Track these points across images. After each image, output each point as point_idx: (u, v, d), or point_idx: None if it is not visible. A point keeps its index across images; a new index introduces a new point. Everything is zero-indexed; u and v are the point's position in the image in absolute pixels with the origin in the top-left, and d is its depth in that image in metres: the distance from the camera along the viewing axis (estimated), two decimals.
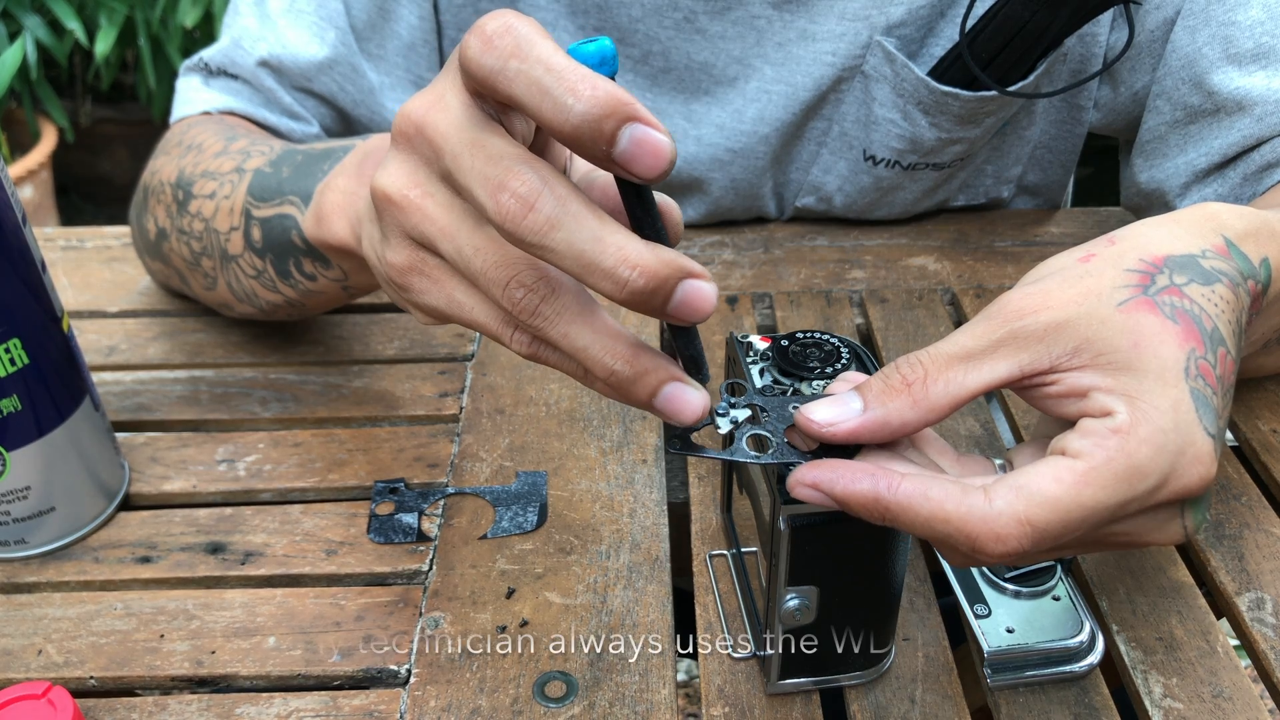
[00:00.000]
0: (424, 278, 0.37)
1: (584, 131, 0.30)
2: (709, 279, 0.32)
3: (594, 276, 0.31)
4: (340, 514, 0.54)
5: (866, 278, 0.72)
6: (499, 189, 0.31)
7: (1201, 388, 0.35)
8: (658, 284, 0.31)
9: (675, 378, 0.34)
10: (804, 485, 0.36)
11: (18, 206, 0.46)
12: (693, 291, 0.32)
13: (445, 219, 0.35)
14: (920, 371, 0.36)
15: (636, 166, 0.30)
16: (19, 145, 2.14)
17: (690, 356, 0.36)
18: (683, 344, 0.36)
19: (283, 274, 0.55)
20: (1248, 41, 0.62)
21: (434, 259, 0.37)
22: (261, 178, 0.55)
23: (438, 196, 0.35)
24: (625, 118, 0.30)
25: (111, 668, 0.46)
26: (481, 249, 0.34)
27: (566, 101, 0.30)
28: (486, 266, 0.34)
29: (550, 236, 0.31)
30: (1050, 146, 0.77)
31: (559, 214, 0.31)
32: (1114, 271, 0.37)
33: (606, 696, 0.44)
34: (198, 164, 0.60)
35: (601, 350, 0.34)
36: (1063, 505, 0.33)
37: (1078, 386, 0.35)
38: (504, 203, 0.31)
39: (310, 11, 0.70)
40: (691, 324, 0.33)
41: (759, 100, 0.71)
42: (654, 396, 0.34)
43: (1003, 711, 0.44)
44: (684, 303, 0.32)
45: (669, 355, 0.35)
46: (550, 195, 0.31)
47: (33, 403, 0.48)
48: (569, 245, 0.31)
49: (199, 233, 0.58)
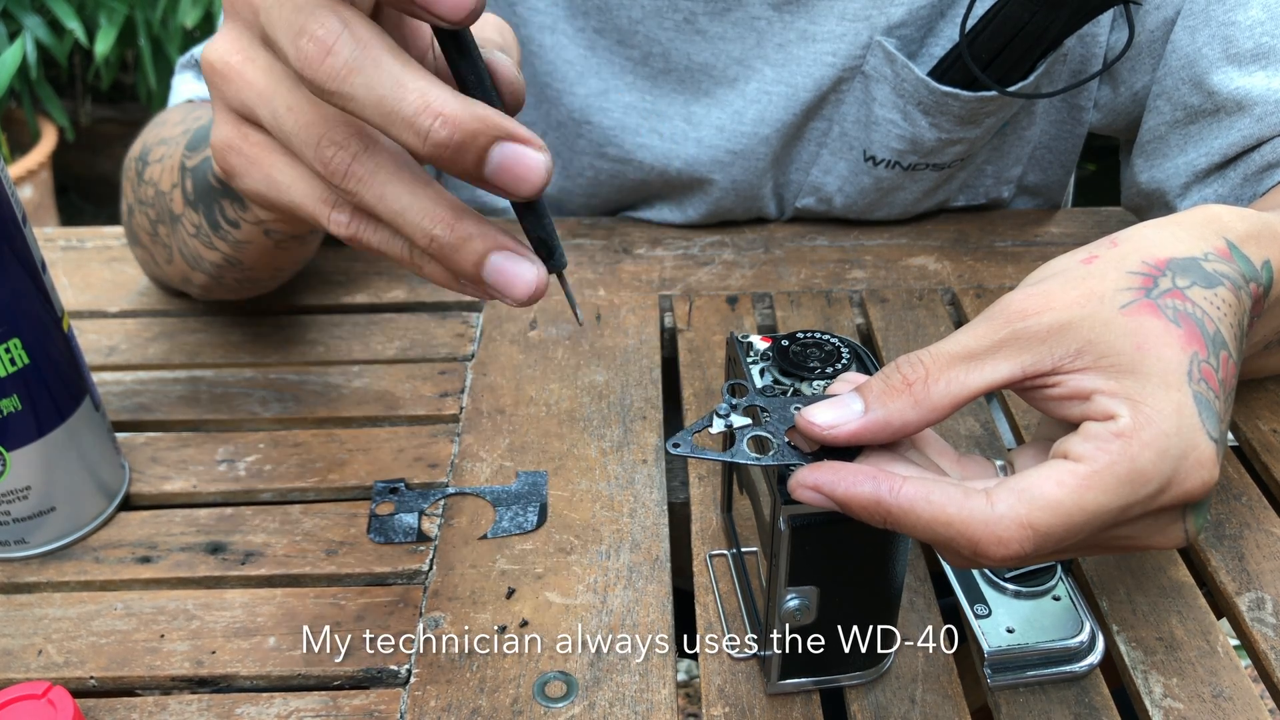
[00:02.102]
0: (242, 155, 0.35)
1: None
2: (539, 146, 0.30)
3: (395, 125, 0.29)
4: (340, 514, 0.54)
5: (866, 278, 0.72)
6: (299, 33, 0.30)
7: (1204, 391, 0.35)
8: (465, 137, 0.29)
9: (504, 246, 0.32)
10: (805, 487, 0.36)
11: (18, 206, 0.46)
12: (512, 154, 0.30)
13: (263, 81, 0.33)
14: (921, 371, 0.36)
15: (436, 5, 0.29)
16: (19, 145, 2.14)
17: (538, 238, 0.33)
18: (529, 224, 0.33)
19: (213, 225, 0.53)
20: (1248, 41, 0.62)
21: (255, 133, 0.35)
22: (199, 130, 0.54)
23: (258, 61, 0.34)
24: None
25: (112, 668, 0.46)
26: (294, 108, 0.32)
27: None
28: (299, 127, 0.32)
29: (349, 81, 0.30)
30: (1050, 146, 0.77)
31: (359, 57, 0.29)
32: (1116, 274, 0.37)
33: (607, 696, 0.44)
34: (158, 135, 0.61)
35: (420, 213, 0.31)
36: (1065, 509, 0.33)
37: (1080, 389, 0.35)
38: (303, 47, 0.30)
39: None
40: (520, 196, 0.31)
41: (759, 101, 0.71)
42: (480, 267, 0.32)
43: (1003, 711, 0.44)
44: (503, 166, 0.30)
45: None
46: (350, 37, 0.30)
47: (33, 403, 0.48)
48: (368, 90, 0.29)
49: (152, 199, 0.58)
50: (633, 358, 0.64)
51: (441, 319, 0.68)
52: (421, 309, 0.69)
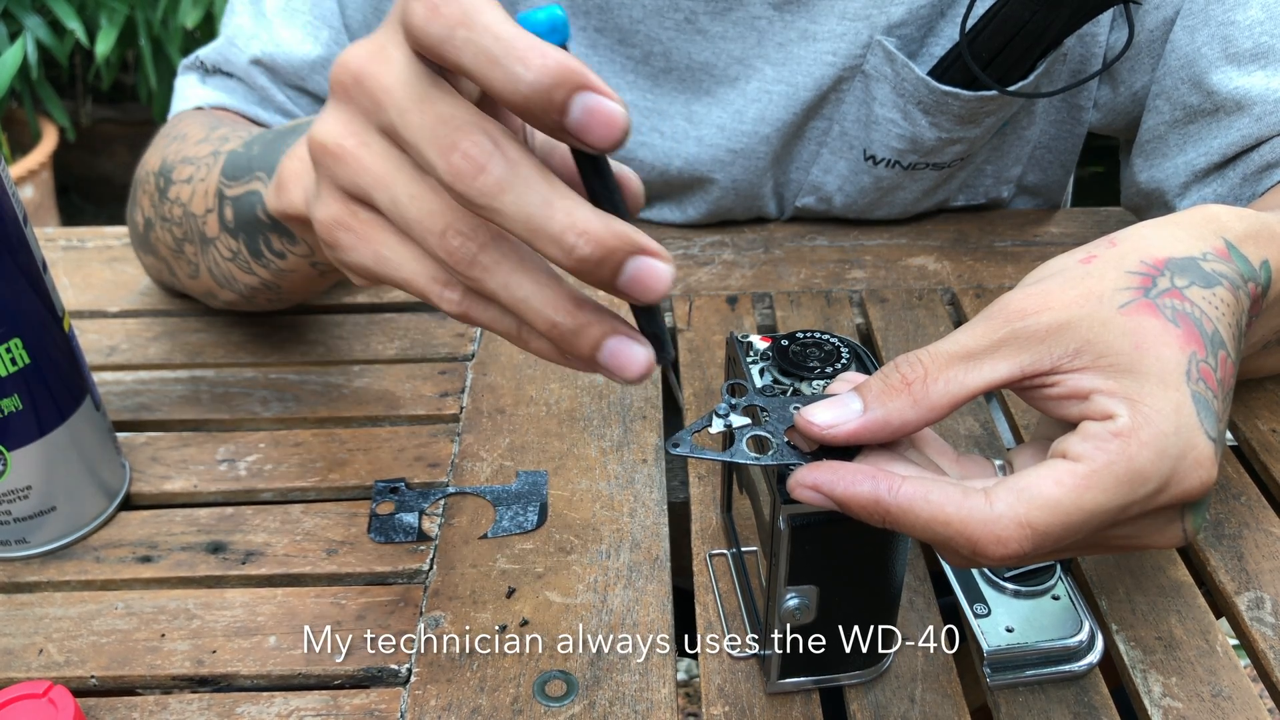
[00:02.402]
0: (351, 233, 0.36)
1: (535, 101, 0.29)
2: (666, 259, 0.32)
3: (541, 241, 0.31)
4: (341, 513, 0.54)
5: (866, 278, 0.72)
6: (450, 149, 0.31)
7: (1203, 391, 0.35)
8: (605, 254, 0.31)
9: (620, 331, 0.33)
10: (804, 487, 0.36)
11: (18, 206, 0.46)
12: (645, 268, 0.31)
13: (381, 168, 0.34)
14: (920, 370, 0.36)
15: (589, 136, 0.30)
16: (20, 145, 2.14)
17: (652, 334, 0.35)
18: (644, 322, 0.35)
19: (255, 253, 0.54)
20: (1247, 41, 0.62)
21: (365, 212, 0.36)
22: (234, 157, 0.54)
23: (374, 147, 0.34)
24: (576, 86, 0.29)
25: (112, 667, 0.46)
26: (418, 197, 0.33)
27: (516, 71, 0.29)
28: (423, 215, 0.33)
29: (500, 199, 0.31)
30: (1050, 146, 0.77)
31: (509, 176, 0.31)
32: (1115, 273, 0.37)
33: (607, 696, 0.44)
34: (179, 151, 0.61)
35: (542, 301, 0.33)
36: (1063, 508, 0.33)
37: (1079, 388, 0.35)
38: (455, 163, 0.31)
39: (304, 10, 0.70)
40: (645, 302, 0.32)
41: (760, 100, 0.71)
42: (597, 350, 0.33)
43: (1002, 711, 0.44)
44: (634, 278, 0.31)
45: None
46: (501, 157, 0.31)
47: (34, 402, 0.48)
48: (518, 208, 0.31)
49: (179, 218, 0.58)
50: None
51: (442, 319, 0.68)
52: (422, 309, 0.69)
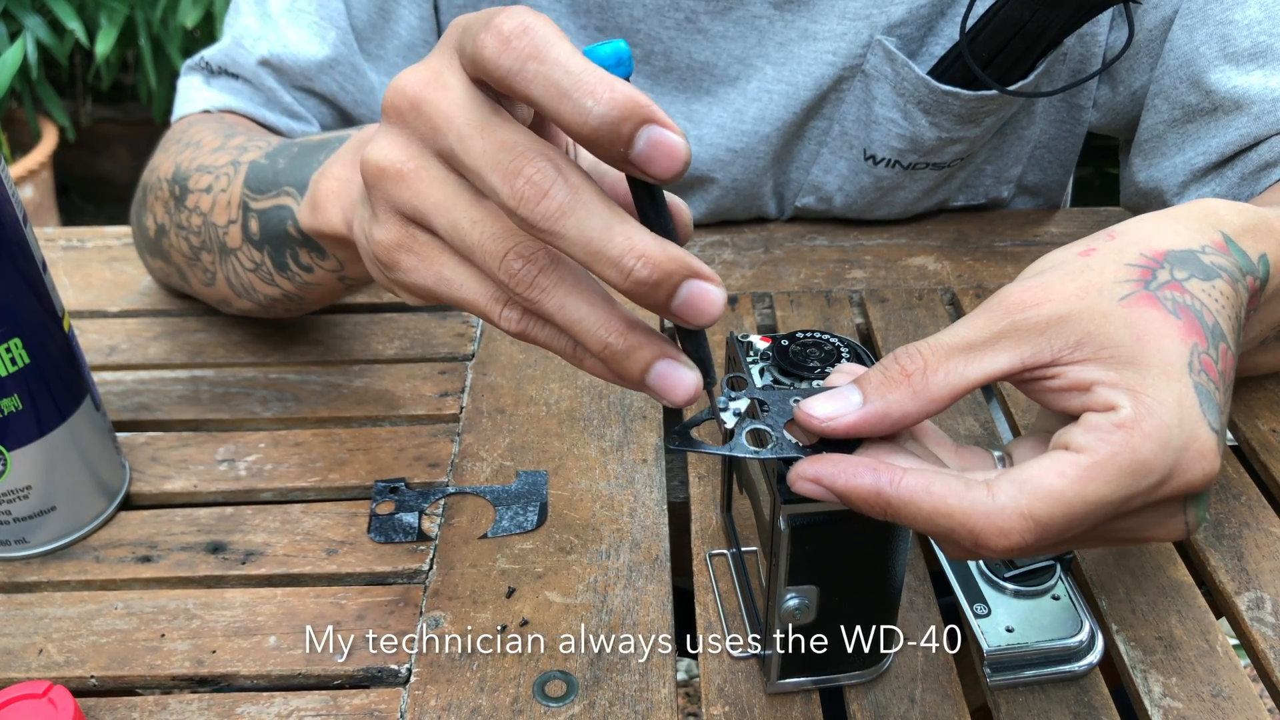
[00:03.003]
0: (412, 254, 0.37)
1: (603, 134, 0.30)
2: (718, 283, 0.33)
3: (600, 264, 0.32)
4: (340, 513, 0.54)
5: (866, 278, 0.72)
6: (514, 174, 0.32)
7: (1205, 383, 0.35)
8: (662, 276, 0.32)
9: (669, 355, 0.34)
10: (805, 479, 0.36)
11: (18, 206, 0.46)
12: (699, 292, 0.32)
13: (440, 193, 0.35)
14: (920, 362, 0.36)
15: (653, 168, 0.31)
16: (20, 145, 2.14)
17: (698, 359, 0.36)
18: (690, 347, 0.36)
19: (280, 266, 0.54)
20: (1245, 40, 0.62)
21: (424, 234, 0.37)
22: (258, 170, 0.55)
23: (432, 171, 0.35)
24: (642, 120, 0.30)
25: (112, 667, 0.46)
26: (479, 222, 0.34)
27: (585, 104, 0.30)
28: (484, 239, 0.34)
29: (562, 223, 0.32)
30: (1050, 146, 0.77)
31: (571, 202, 0.32)
32: (1115, 266, 0.37)
33: (606, 696, 0.44)
34: (194, 159, 0.60)
35: (597, 323, 0.34)
36: (1066, 500, 0.33)
37: (1080, 380, 0.35)
38: (519, 188, 0.32)
39: (311, 11, 0.70)
40: (697, 326, 0.33)
41: (760, 100, 0.71)
42: (646, 373, 0.34)
43: (1002, 711, 0.44)
44: (689, 302, 0.32)
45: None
46: (564, 183, 0.32)
47: (33, 402, 0.48)
48: (579, 232, 0.32)
49: (197, 227, 0.58)
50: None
51: (442, 319, 0.68)
52: (422, 309, 0.69)
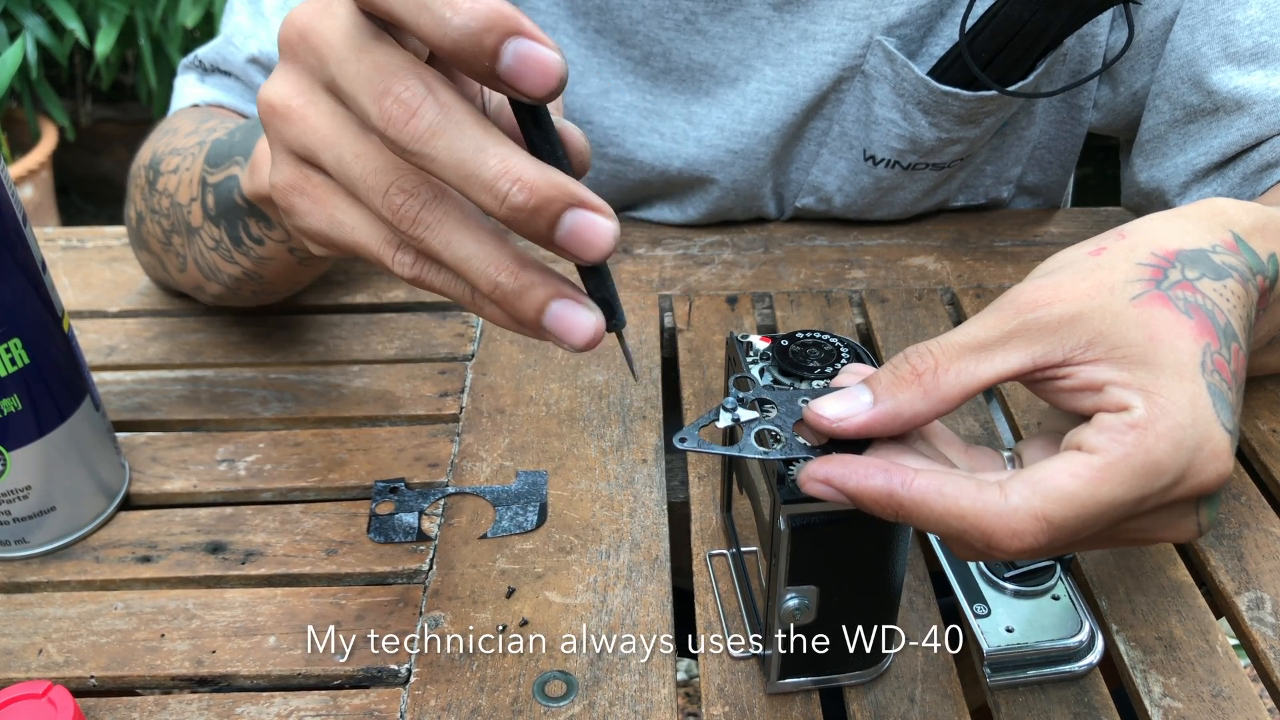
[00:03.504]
0: (305, 196, 0.36)
1: (464, 46, 0.29)
2: (609, 214, 0.31)
3: (474, 188, 0.30)
4: (340, 514, 0.54)
5: (866, 278, 0.72)
6: (383, 94, 0.31)
7: (1217, 383, 0.35)
8: (541, 202, 0.30)
9: (565, 294, 0.33)
10: (815, 480, 0.36)
11: (18, 206, 0.46)
12: (584, 221, 0.31)
13: (327, 127, 0.34)
14: (931, 361, 0.36)
15: (523, 84, 0.29)
16: (19, 145, 2.14)
17: (602, 299, 0.34)
18: (592, 286, 0.34)
19: (235, 240, 0.53)
20: (1246, 41, 0.62)
21: (317, 175, 0.36)
22: (218, 145, 0.54)
23: (321, 105, 0.34)
24: (508, 31, 0.29)
25: (112, 667, 0.46)
26: (362, 155, 0.33)
27: (444, 15, 0.29)
28: (366, 173, 0.33)
29: (432, 144, 0.30)
30: (1050, 146, 0.77)
31: (442, 121, 0.30)
32: (1126, 265, 0.37)
33: (606, 696, 0.44)
34: (169, 144, 0.61)
35: (485, 260, 0.32)
36: (1080, 501, 0.33)
37: (1093, 380, 0.35)
38: (387, 108, 0.31)
39: None
40: (586, 261, 0.31)
41: (759, 101, 0.71)
42: (542, 313, 0.33)
43: (1002, 711, 0.44)
44: (573, 232, 0.31)
45: None
46: (434, 102, 0.31)
47: (33, 402, 0.48)
48: (450, 153, 0.30)
49: (166, 209, 0.58)
50: (633, 357, 0.64)
51: (441, 319, 0.68)
52: (421, 309, 0.69)
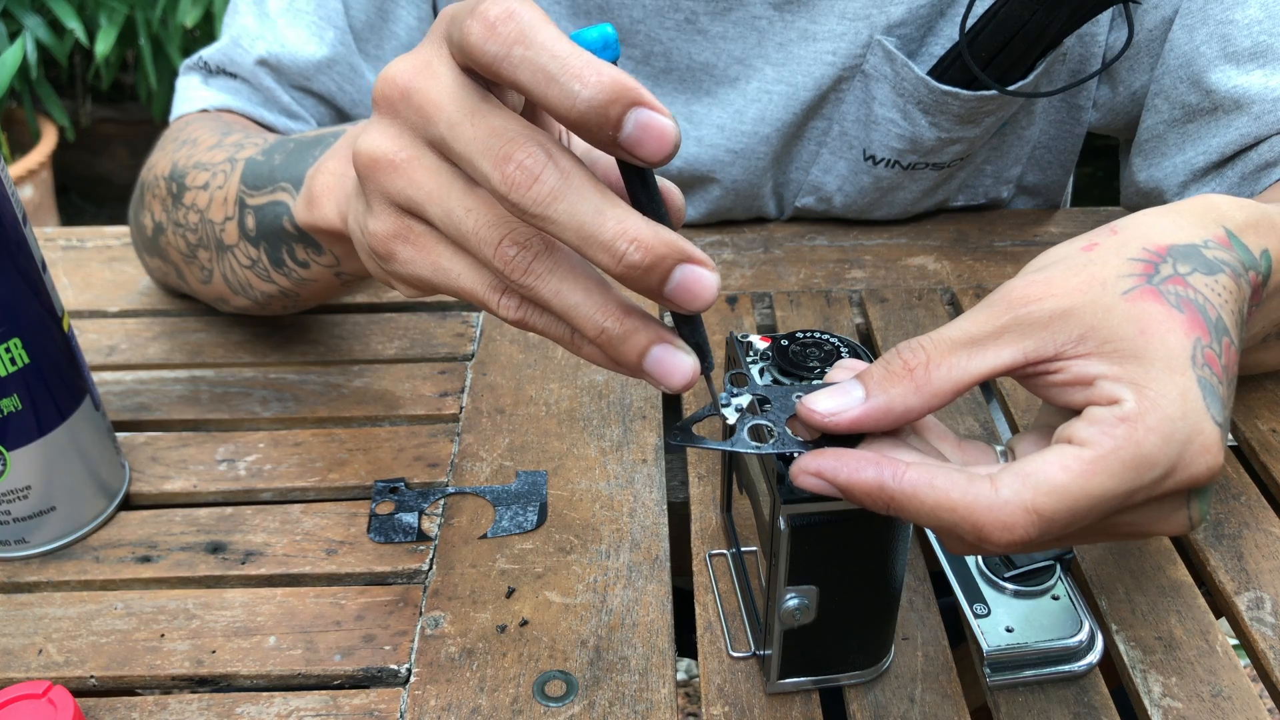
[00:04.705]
0: (409, 245, 0.37)
1: (590, 117, 0.30)
2: (712, 267, 0.33)
3: (592, 248, 0.32)
4: (340, 513, 0.54)
5: (866, 277, 0.72)
6: (504, 160, 0.32)
7: (1208, 376, 0.35)
8: (655, 260, 0.32)
9: (665, 339, 0.34)
10: (807, 474, 0.36)
11: (18, 206, 0.46)
12: (692, 276, 0.32)
13: (434, 182, 0.35)
14: (923, 356, 0.36)
15: (642, 151, 0.31)
16: (19, 145, 2.14)
17: (695, 344, 0.36)
18: (686, 332, 0.36)
19: (276, 262, 0.54)
20: (1245, 40, 0.62)
21: (419, 225, 0.37)
22: (254, 166, 0.55)
23: (425, 160, 0.35)
24: (630, 102, 0.30)
25: (112, 667, 0.46)
26: (473, 210, 0.34)
27: (573, 88, 0.30)
28: (479, 226, 0.34)
29: (553, 207, 0.32)
30: (1050, 146, 0.77)
31: (562, 186, 0.32)
32: (1118, 260, 0.37)
33: (606, 696, 0.44)
34: (191, 156, 0.61)
35: (592, 308, 0.34)
36: (1070, 494, 0.33)
37: (1084, 374, 0.35)
38: (510, 174, 0.32)
39: (309, 11, 0.70)
40: (691, 311, 0.33)
41: (760, 100, 0.71)
42: (643, 358, 0.34)
43: (1002, 711, 0.44)
44: (682, 285, 0.32)
45: None
46: (555, 168, 0.32)
47: (33, 402, 0.48)
48: (570, 216, 0.31)
49: (194, 224, 0.58)
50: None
51: (441, 319, 0.68)
52: (421, 309, 0.69)
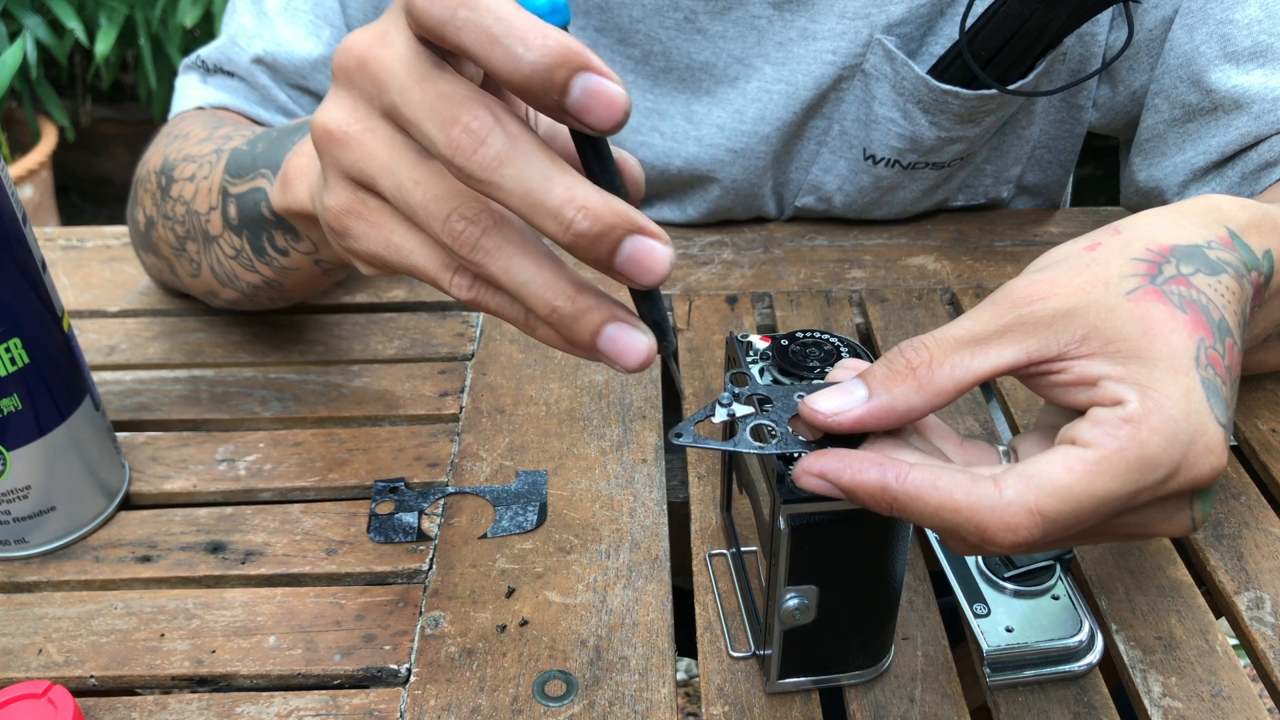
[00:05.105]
0: (361, 220, 0.36)
1: (535, 81, 0.30)
2: (665, 240, 0.32)
3: (539, 215, 0.31)
4: (340, 513, 0.54)
5: (866, 277, 0.72)
6: (450, 123, 0.31)
7: (1211, 377, 0.35)
8: (604, 229, 0.31)
9: (620, 318, 0.33)
10: (810, 475, 0.36)
11: (18, 206, 0.46)
12: (643, 248, 0.31)
13: (386, 153, 0.34)
14: (925, 355, 0.36)
15: (590, 117, 0.30)
16: (19, 145, 2.14)
17: (653, 322, 0.35)
18: (644, 308, 0.35)
19: (258, 250, 0.54)
20: (1245, 40, 0.62)
21: (373, 199, 0.36)
22: (238, 155, 0.54)
23: (379, 132, 0.35)
24: (577, 67, 0.30)
25: (112, 667, 0.46)
26: (423, 182, 0.34)
27: (516, 50, 0.29)
28: (427, 200, 0.33)
29: (499, 172, 0.31)
30: (1050, 146, 0.77)
31: (509, 150, 0.31)
32: (1121, 260, 0.37)
33: (606, 696, 0.44)
34: (181, 150, 0.61)
35: (543, 285, 0.33)
36: (1074, 495, 0.33)
37: (1087, 375, 0.35)
38: (455, 137, 0.31)
39: (306, 10, 0.70)
40: (643, 285, 0.32)
41: (760, 100, 0.71)
42: (596, 336, 0.33)
43: (1002, 711, 0.44)
44: (633, 258, 0.31)
45: None
46: (501, 132, 0.31)
47: (33, 402, 0.48)
48: (517, 182, 0.31)
49: (181, 216, 0.58)
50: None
51: (441, 318, 0.68)
52: (421, 308, 0.69)
